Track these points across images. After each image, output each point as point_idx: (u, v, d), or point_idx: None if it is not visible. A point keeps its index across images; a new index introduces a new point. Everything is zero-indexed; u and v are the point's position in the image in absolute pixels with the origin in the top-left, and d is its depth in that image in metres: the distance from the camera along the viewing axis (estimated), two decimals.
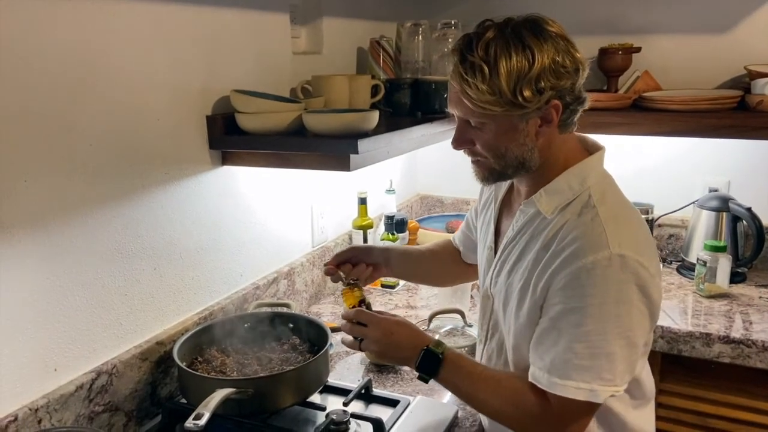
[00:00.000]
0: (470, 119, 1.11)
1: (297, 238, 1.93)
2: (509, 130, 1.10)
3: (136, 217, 1.35)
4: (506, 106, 1.05)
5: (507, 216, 1.29)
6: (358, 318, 1.22)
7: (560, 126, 1.11)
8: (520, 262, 1.16)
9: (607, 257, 1.02)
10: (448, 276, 1.65)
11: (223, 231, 1.61)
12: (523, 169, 1.15)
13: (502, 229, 1.29)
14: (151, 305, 1.41)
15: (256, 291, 1.71)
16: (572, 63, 1.06)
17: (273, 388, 1.28)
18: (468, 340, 1.71)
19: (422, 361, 1.16)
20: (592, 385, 1.03)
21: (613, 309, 1.02)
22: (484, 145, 1.13)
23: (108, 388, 1.27)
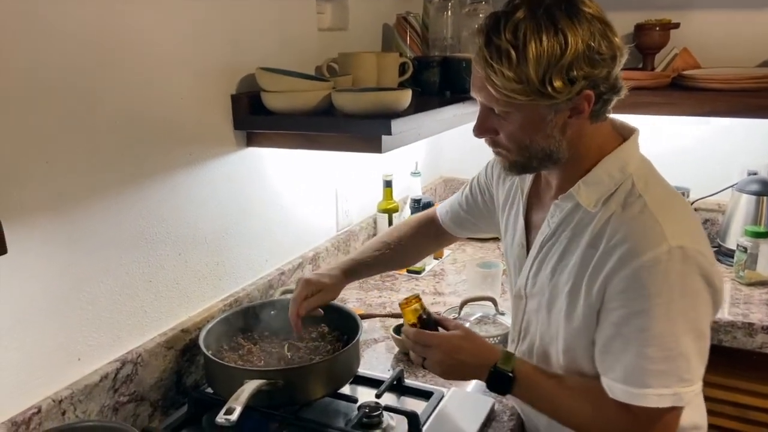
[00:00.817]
0: (494, 107, 1.03)
1: (321, 222, 1.87)
2: (535, 120, 1.01)
3: (159, 201, 1.29)
4: (533, 96, 0.97)
5: (538, 210, 1.21)
6: (418, 340, 1.15)
7: (591, 116, 1.03)
8: (564, 261, 1.09)
9: (667, 251, 0.95)
10: (424, 255, 1.67)
11: (248, 215, 1.55)
12: (550, 162, 1.07)
13: (532, 223, 1.21)
14: (176, 292, 1.36)
15: (281, 277, 1.66)
16: (609, 49, 0.97)
17: (304, 379, 1.23)
18: (500, 328, 1.65)
19: (492, 381, 1.10)
20: (673, 389, 0.96)
21: (680, 305, 0.95)
22: (508, 136, 1.05)
23: (133, 377, 1.23)
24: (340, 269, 1.40)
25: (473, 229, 1.49)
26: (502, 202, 1.32)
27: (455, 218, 1.48)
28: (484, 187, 1.40)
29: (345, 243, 1.95)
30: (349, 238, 1.97)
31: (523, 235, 1.21)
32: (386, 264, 1.53)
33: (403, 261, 1.58)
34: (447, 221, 1.50)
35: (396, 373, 1.37)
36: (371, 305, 1.83)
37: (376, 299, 1.87)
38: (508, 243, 1.28)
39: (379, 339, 1.64)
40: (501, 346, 1.29)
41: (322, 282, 1.35)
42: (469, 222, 1.47)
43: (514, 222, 1.26)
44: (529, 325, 1.21)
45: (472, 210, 1.44)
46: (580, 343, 1.07)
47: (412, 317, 1.17)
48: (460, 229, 1.51)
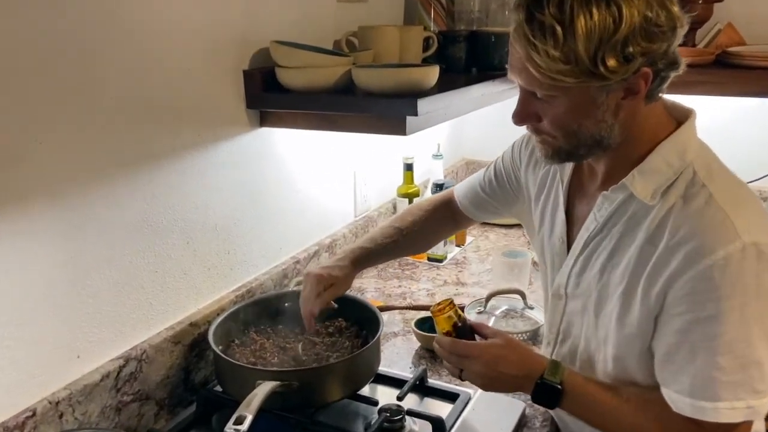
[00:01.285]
0: (536, 90, 0.92)
1: (339, 207, 1.77)
2: (585, 104, 0.90)
3: (165, 185, 1.20)
4: (582, 77, 0.85)
5: (580, 201, 1.10)
6: (454, 351, 1.05)
7: (647, 96, 0.91)
8: (615, 259, 0.98)
9: (740, 249, 0.84)
10: (440, 240, 1.57)
11: (261, 200, 1.45)
12: (599, 148, 0.96)
13: (575, 216, 1.10)
14: (184, 283, 1.27)
15: (296, 265, 1.56)
16: (668, 20, 0.85)
17: (320, 380, 1.14)
18: (528, 324, 1.54)
19: (538, 393, 0.99)
20: (747, 402, 0.86)
21: (756, 308, 0.85)
22: (553, 122, 0.94)
23: (137, 375, 1.15)
24: (350, 259, 1.29)
25: (494, 213, 1.38)
26: (534, 191, 1.20)
27: (475, 200, 1.37)
28: (509, 171, 1.29)
29: (363, 229, 1.85)
30: (367, 223, 1.87)
31: (564, 230, 1.10)
32: (398, 251, 1.43)
33: (417, 247, 1.48)
34: (465, 203, 1.39)
35: (419, 373, 1.27)
36: (390, 296, 1.73)
37: (396, 289, 1.77)
38: (543, 237, 1.17)
39: (399, 333, 1.54)
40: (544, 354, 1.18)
41: (333, 276, 1.25)
42: (490, 206, 1.36)
43: (552, 214, 1.15)
44: (570, 328, 1.10)
45: (495, 194, 1.33)
46: (633, 350, 0.97)
47: (446, 325, 1.06)
48: (480, 212, 1.39)
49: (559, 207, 1.12)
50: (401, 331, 1.55)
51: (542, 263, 1.19)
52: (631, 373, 0.99)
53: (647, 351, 0.97)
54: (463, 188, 1.40)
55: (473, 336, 1.08)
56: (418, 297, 1.72)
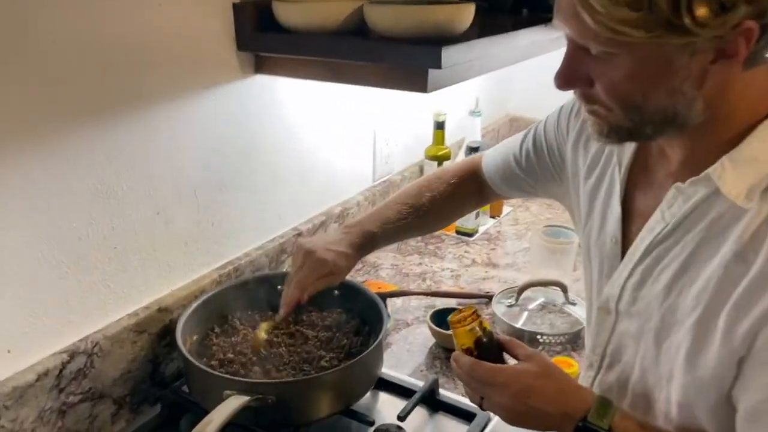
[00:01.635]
0: (589, 45, 0.66)
1: (354, 169, 1.53)
2: (656, 68, 0.65)
3: (128, 143, 0.98)
4: (657, 30, 0.60)
5: (644, 192, 0.83)
6: (475, 375, 0.81)
7: (746, 61, 0.64)
8: (689, 275, 0.73)
9: None
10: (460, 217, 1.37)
11: (255, 161, 1.22)
12: (672, 127, 0.70)
13: (635, 210, 0.84)
14: (153, 261, 1.06)
15: (297, 239, 1.34)
16: None
17: (302, 395, 0.93)
18: (567, 322, 1.30)
19: None
20: None
21: None
22: (609, 89, 0.69)
23: (87, 371, 0.96)
24: (354, 246, 1.05)
25: (529, 192, 1.12)
26: (583, 172, 0.93)
27: (507, 176, 1.11)
28: (552, 143, 1.02)
29: (382, 196, 1.61)
30: (387, 189, 1.63)
31: (619, 227, 0.84)
32: (413, 232, 1.21)
33: (435, 226, 1.24)
34: (495, 178, 1.13)
35: (428, 384, 1.05)
36: (408, 275, 1.50)
37: (415, 267, 1.54)
38: (591, 232, 0.91)
39: (413, 322, 1.32)
40: (585, 378, 0.94)
41: (337, 262, 1.02)
42: (525, 184, 1.09)
43: (603, 205, 0.88)
44: (620, 351, 0.85)
45: (531, 170, 1.06)
46: (705, 399, 0.72)
47: (466, 340, 0.82)
48: (512, 190, 1.14)
49: (613, 196, 0.86)
50: (415, 320, 1.33)
51: (587, 264, 0.94)
52: (701, 426, 0.75)
53: (725, 402, 0.72)
54: (493, 159, 1.13)
55: (501, 355, 0.84)
56: (440, 279, 1.49)
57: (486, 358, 0.82)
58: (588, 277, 0.94)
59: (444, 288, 1.45)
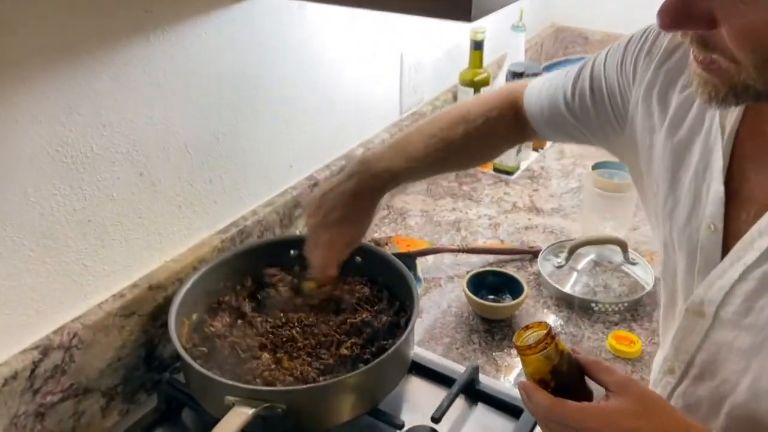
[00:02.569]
0: None
1: (377, 102, 1.32)
2: None
3: (96, 93, 0.78)
4: None
5: (761, 167, 0.62)
6: (552, 416, 0.61)
7: None
8: None
9: None
10: (496, 156, 1.15)
11: (259, 102, 1.02)
12: None
13: (744, 192, 0.63)
14: (139, 230, 0.89)
15: (313, 190, 1.15)
16: None
17: (319, 402, 0.77)
18: (626, 286, 1.12)
19: None
20: None
21: None
22: (743, 34, 0.49)
23: (66, 367, 0.81)
24: (371, 190, 0.88)
25: (579, 140, 0.90)
26: (662, 129, 0.72)
27: (553, 119, 0.89)
28: (614, 86, 0.79)
29: None
30: (417, 122, 1.41)
31: (721, 212, 0.64)
32: (443, 170, 1.05)
33: (468, 165, 1.08)
34: (538, 119, 0.91)
35: (467, 374, 0.89)
36: (439, 224, 1.32)
37: (447, 214, 1.35)
38: (676, 212, 0.70)
39: (446, 283, 1.15)
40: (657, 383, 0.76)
41: (350, 231, 0.87)
42: (575, 131, 0.88)
43: (695, 179, 0.67)
44: (716, 365, 0.67)
45: (585, 116, 0.84)
46: None
47: (540, 370, 0.63)
48: (557, 134, 0.92)
49: (711, 170, 0.65)
50: (449, 281, 1.16)
51: (668, 247, 0.74)
52: None
53: None
54: (538, 97, 0.91)
55: (582, 382, 0.65)
56: (476, 228, 1.31)
57: (565, 388, 0.63)
58: (669, 265, 0.74)
59: (481, 241, 1.26)
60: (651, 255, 1.21)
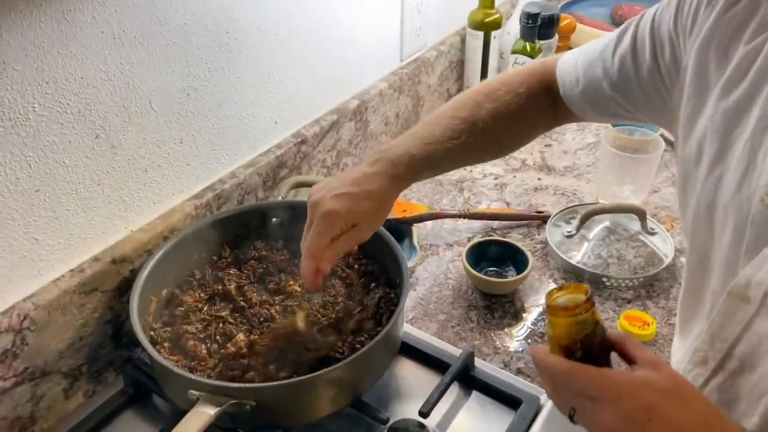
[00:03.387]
0: None
1: (374, 48, 1.19)
2: None
3: (36, 44, 0.67)
4: None
5: None
6: (572, 383, 0.55)
7: None
8: None
9: None
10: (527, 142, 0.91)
11: (237, 48, 0.91)
12: None
13: None
14: (98, 199, 0.80)
15: (301, 148, 1.05)
16: None
17: (293, 398, 0.70)
18: (642, 258, 1.02)
19: None
20: None
21: None
22: None
23: (17, 351, 0.74)
24: (389, 176, 0.74)
25: (624, 117, 0.79)
26: (717, 87, 0.62)
27: (592, 95, 0.78)
28: (664, 42, 0.68)
29: (413, 81, 1.28)
30: (419, 71, 1.29)
31: None
32: (465, 157, 0.85)
33: (495, 150, 0.89)
34: (577, 100, 0.80)
35: (462, 359, 0.81)
36: (441, 183, 1.22)
37: (451, 173, 1.24)
38: (723, 179, 0.61)
39: (445, 252, 1.06)
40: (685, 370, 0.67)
41: (359, 209, 0.71)
42: (618, 107, 0.77)
43: (751, 143, 0.58)
44: (758, 357, 0.58)
45: (627, 87, 0.73)
46: None
47: (570, 335, 0.55)
48: (598, 113, 0.81)
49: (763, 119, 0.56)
50: (448, 249, 1.06)
51: (699, 221, 0.64)
52: None
53: None
54: (573, 71, 0.80)
55: (608, 357, 0.58)
56: (480, 189, 1.20)
57: (590, 361, 0.55)
58: (699, 240, 0.65)
59: (485, 204, 1.16)
60: (671, 222, 1.11)
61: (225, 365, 0.74)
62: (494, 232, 1.09)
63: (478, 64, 1.38)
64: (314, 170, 1.10)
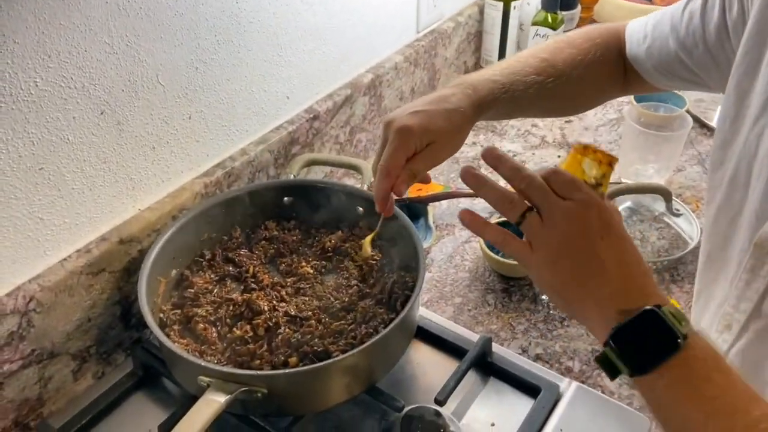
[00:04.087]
0: None
1: (389, 18, 1.14)
2: None
3: (34, 15, 0.64)
4: None
5: None
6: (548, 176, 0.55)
7: None
8: None
9: None
10: (596, 102, 0.88)
11: (244, 19, 0.87)
12: None
13: None
14: (105, 176, 0.77)
15: (312, 125, 1.02)
16: None
17: (305, 386, 0.68)
18: (666, 239, 0.99)
19: (630, 331, 0.48)
20: None
21: None
22: None
23: (24, 333, 0.72)
24: (471, 99, 0.70)
25: (698, 84, 0.75)
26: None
27: (657, 54, 0.75)
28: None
29: (429, 53, 1.23)
30: (435, 43, 1.24)
31: None
32: (540, 102, 0.78)
33: (565, 103, 0.84)
34: (641, 57, 0.77)
35: (479, 346, 0.79)
36: (457, 161, 1.18)
37: (468, 149, 1.21)
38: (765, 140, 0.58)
39: (461, 233, 1.03)
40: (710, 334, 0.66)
41: (435, 126, 0.67)
42: (685, 71, 0.74)
43: None
44: None
45: (695, 45, 0.70)
46: None
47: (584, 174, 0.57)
48: (670, 79, 0.78)
49: None
50: (464, 230, 1.03)
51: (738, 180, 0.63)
52: None
53: None
54: (642, 29, 0.78)
55: None
56: None
57: None
58: (740, 193, 0.63)
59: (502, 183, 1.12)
60: (696, 202, 1.07)
61: (233, 350, 0.72)
62: None
63: (496, 36, 1.33)
64: (327, 147, 1.06)
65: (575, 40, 0.79)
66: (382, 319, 0.75)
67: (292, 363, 0.70)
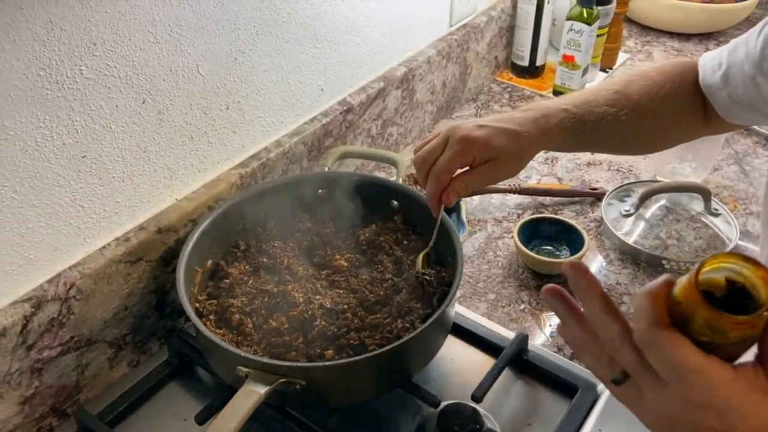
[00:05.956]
0: None
1: (422, 12, 1.14)
2: None
3: (81, 2, 0.64)
4: None
5: None
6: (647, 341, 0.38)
7: None
8: None
9: None
10: (673, 141, 0.84)
11: (283, 12, 0.87)
12: None
13: None
14: (144, 166, 0.78)
15: (347, 116, 1.01)
16: None
17: (344, 379, 0.67)
18: (704, 240, 0.97)
19: None
20: None
21: None
22: None
23: (64, 320, 0.73)
24: (538, 124, 0.69)
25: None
26: None
27: (740, 91, 0.70)
28: None
29: (462, 47, 1.22)
30: (468, 38, 1.23)
31: None
32: (613, 136, 0.74)
33: (640, 139, 0.78)
34: (722, 94, 0.72)
35: (517, 342, 0.78)
36: None
37: None
38: None
39: (494, 228, 1.02)
40: None
41: (498, 143, 0.66)
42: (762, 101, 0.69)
43: None
44: None
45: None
46: None
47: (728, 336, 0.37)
48: (753, 114, 0.72)
49: None
50: (497, 224, 1.02)
51: None
52: None
53: None
54: (717, 57, 0.73)
55: None
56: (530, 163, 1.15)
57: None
58: None
59: (535, 179, 1.12)
60: (734, 202, 1.05)
61: (269, 341, 0.72)
62: (545, 209, 1.05)
63: (529, 31, 1.31)
64: (359, 140, 1.06)
65: (648, 73, 0.76)
66: (418, 314, 0.74)
67: (328, 356, 0.70)
